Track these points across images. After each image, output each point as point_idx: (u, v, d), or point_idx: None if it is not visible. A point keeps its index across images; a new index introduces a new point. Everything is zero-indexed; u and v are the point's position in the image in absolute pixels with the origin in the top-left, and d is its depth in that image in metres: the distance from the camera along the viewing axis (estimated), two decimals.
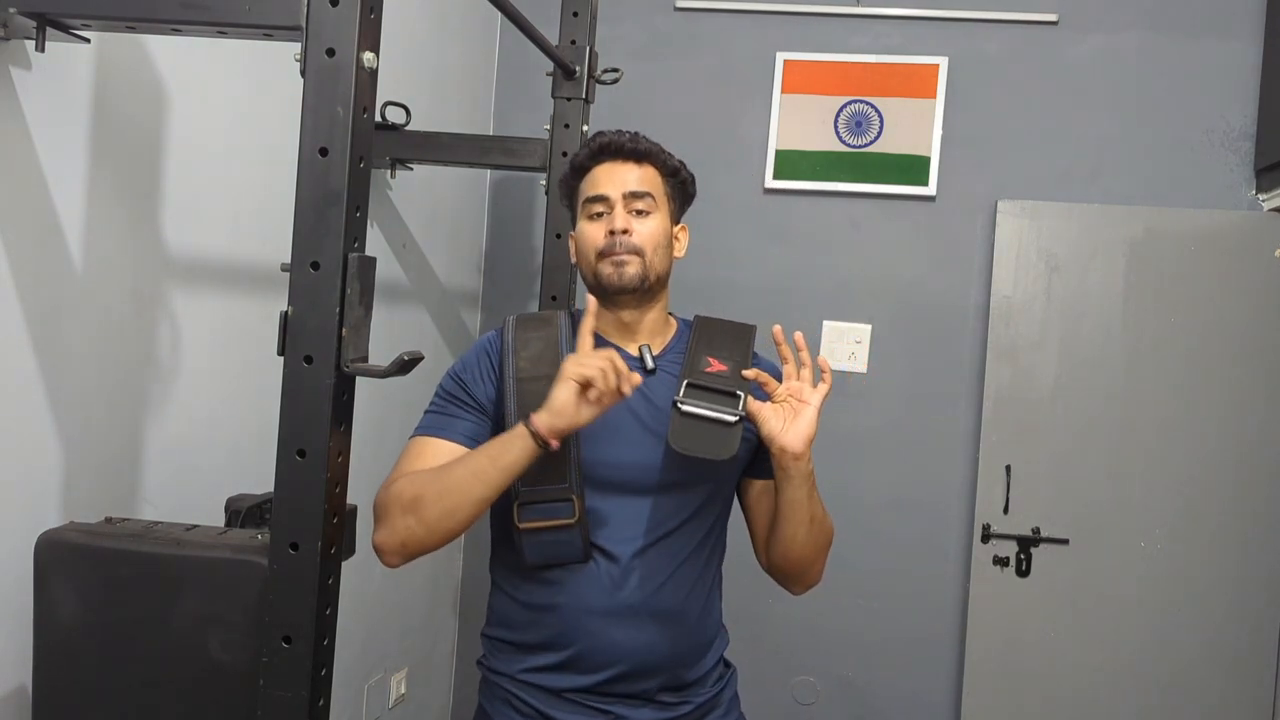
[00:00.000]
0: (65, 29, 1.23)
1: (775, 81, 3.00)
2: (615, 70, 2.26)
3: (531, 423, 1.27)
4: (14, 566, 1.31)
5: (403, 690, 2.70)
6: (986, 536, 2.84)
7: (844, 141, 2.96)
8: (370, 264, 1.07)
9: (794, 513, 1.40)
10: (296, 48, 1.06)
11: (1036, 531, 2.82)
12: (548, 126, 2.21)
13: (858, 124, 2.95)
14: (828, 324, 2.98)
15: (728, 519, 1.52)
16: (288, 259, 1.05)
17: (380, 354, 1.11)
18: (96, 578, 1.21)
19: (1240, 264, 2.76)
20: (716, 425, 1.34)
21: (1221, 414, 2.77)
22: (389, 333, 2.42)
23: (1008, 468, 2.84)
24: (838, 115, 2.96)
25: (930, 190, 2.93)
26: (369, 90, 1.06)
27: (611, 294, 1.42)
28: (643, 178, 1.44)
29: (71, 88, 1.39)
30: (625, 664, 1.38)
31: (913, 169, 2.93)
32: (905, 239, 2.96)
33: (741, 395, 1.37)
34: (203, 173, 1.69)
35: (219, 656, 1.18)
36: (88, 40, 1.30)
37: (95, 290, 1.46)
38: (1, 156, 1.28)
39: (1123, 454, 2.80)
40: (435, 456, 1.36)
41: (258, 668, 1.08)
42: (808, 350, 1.40)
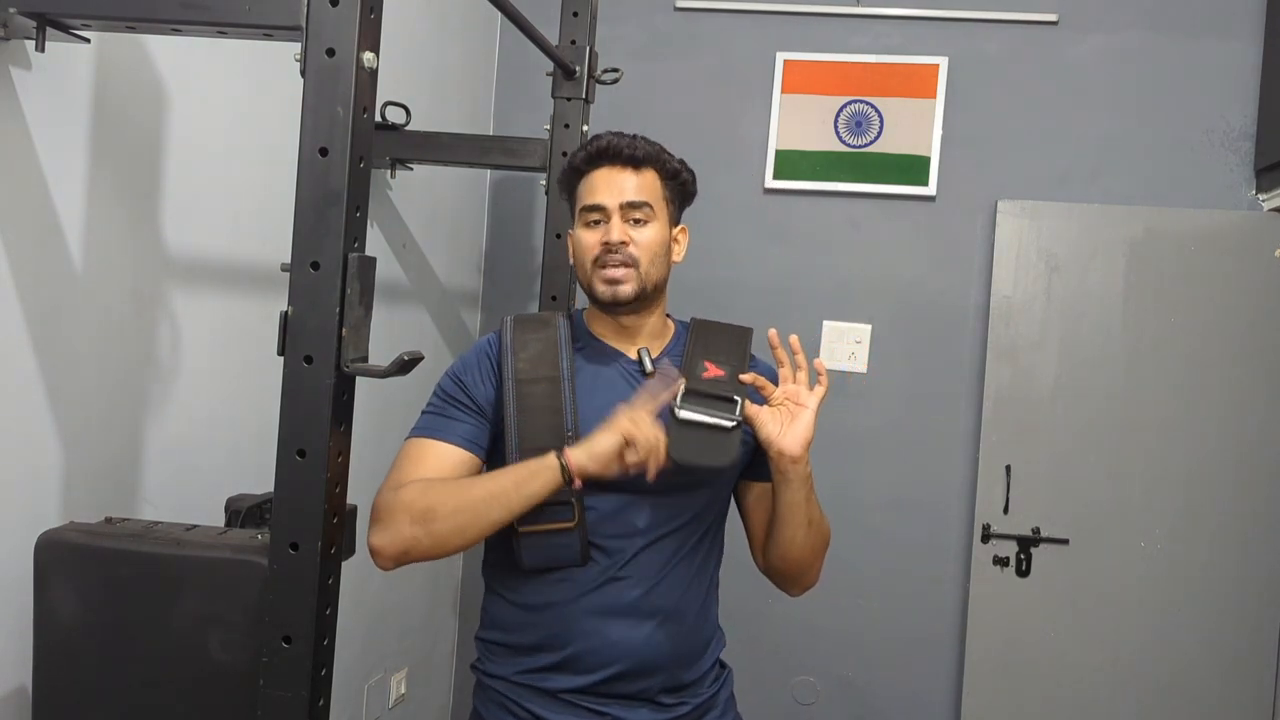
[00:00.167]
0: (65, 29, 1.23)
1: (775, 81, 3.00)
2: (615, 70, 2.26)
3: (565, 457, 1.27)
4: (14, 566, 1.31)
5: (403, 690, 2.70)
6: (986, 536, 2.84)
7: (844, 141, 2.96)
8: (370, 264, 1.07)
9: (792, 515, 1.40)
10: (296, 48, 1.06)
11: (1036, 531, 2.82)
12: (548, 126, 2.22)
13: (858, 124, 2.95)
14: (828, 324, 2.98)
15: (725, 520, 1.52)
16: (288, 259, 1.05)
17: (380, 354, 1.10)
18: (96, 578, 1.21)
19: (1240, 264, 2.76)
20: (714, 432, 1.34)
21: (1221, 414, 2.77)
22: (389, 333, 2.42)
23: (1008, 468, 2.84)
24: (838, 115, 2.96)
25: (930, 190, 2.93)
26: (369, 90, 1.06)
27: (606, 306, 1.43)
28: (641, 185, 1.42)
29: (71, 88, 1.38)
30: (623, 663, 1.37)
31: (913, 169, 2.93)
32: (905, 239, 2.96)
33: (739, 401, 1.36)
34: (203, 173, 1.69)
35: (219, 656, 1.17)
36: (88, 40, 1.30)
37: (95, 290, 1.46)
38: (1, 156, 1.28)
39: (1123, 454, 2.80)
40: (435, 459, 1.36)
41: (258, 668, 1.08)
42: (804, 353, 1.40)
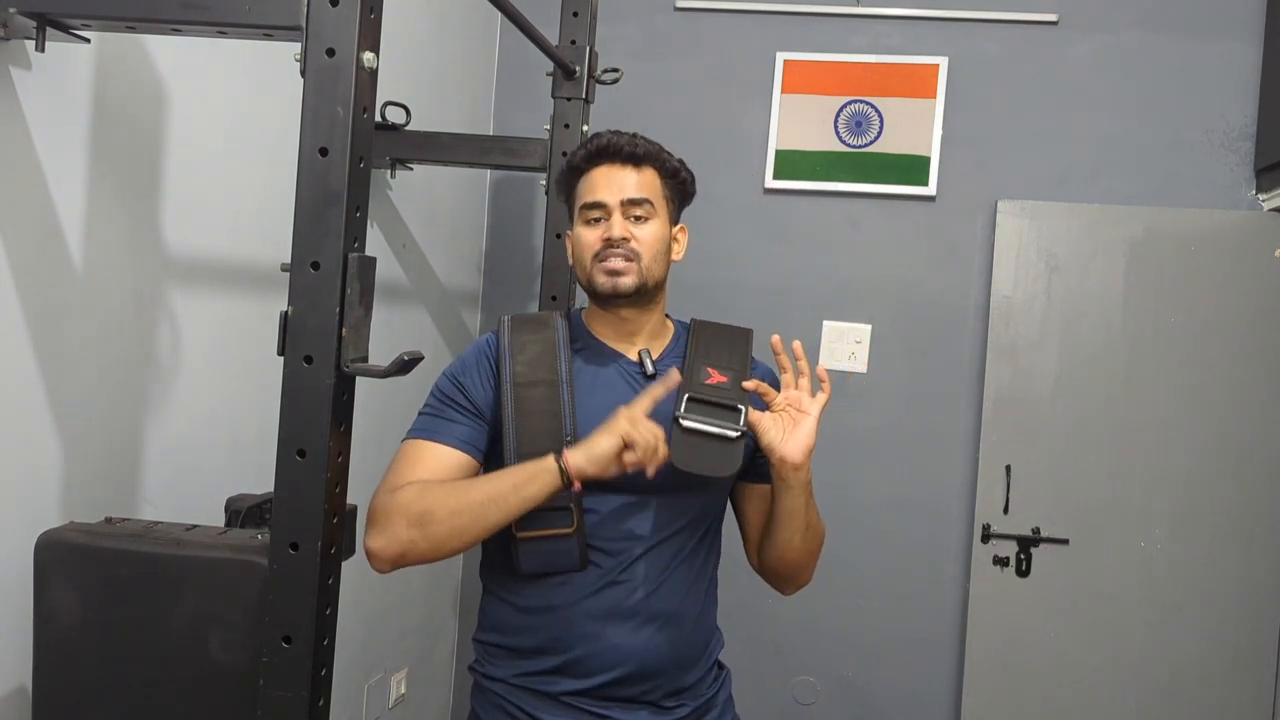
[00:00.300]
0: (65, 29, 1.23)
1: (775, 81, 3.00)
2: (615, 70, 2.26)
3: (564, 459, 1.26)
4: (14, 566, 1.31)
5: (403, 690, 2.70)
6: (986, 536, 2.84)
7: (844, 141, 2.96)
8: (370, 264, 1.07)
9: (791, 520, 1.40)
10: (296, 48, 1.06)
11: (1036, 531, 2.82)
12: (548, 126, 2.22)
13: (858, 124, 2.95)
14: (828, 324, 2.98)
15: (723, 520, 1.52)
16: (288, 259, 1.05)
17: (380, 354, 1.10)
18: (96, 578, 1.21)
19: (1240, 264, 2.76)
20: (718, 441, 1.33)
21: (1221, 414, 2.77)
22: (389, 333, 2.42)
23: (1008, 468, 2.84)
24: (838, 115, 2.96)
25: (930, 190, 2.93)
26: (369, 90, 1.06)
27: (606, 299, 1.42)
28: (641, 183, 1.42)
29: (71, 88, 1.38)
30: (624, 667, 1.37)
31: (913, 169, 2.93)
32: (905, 239, 2.96)
33: (743, 410, 1.36)
34: (203, 173, 1.69)
35: (219, 656, 1.17)
36: (88, 40, 1.30)
37: (95, 290, 1.46)
38: (1, 156, 1.28)
39: (1123, 454, 2.80)
40: (433, 461, 1.35)
41: (258, 668, 1.08)
42: (806, 359, 1.40)
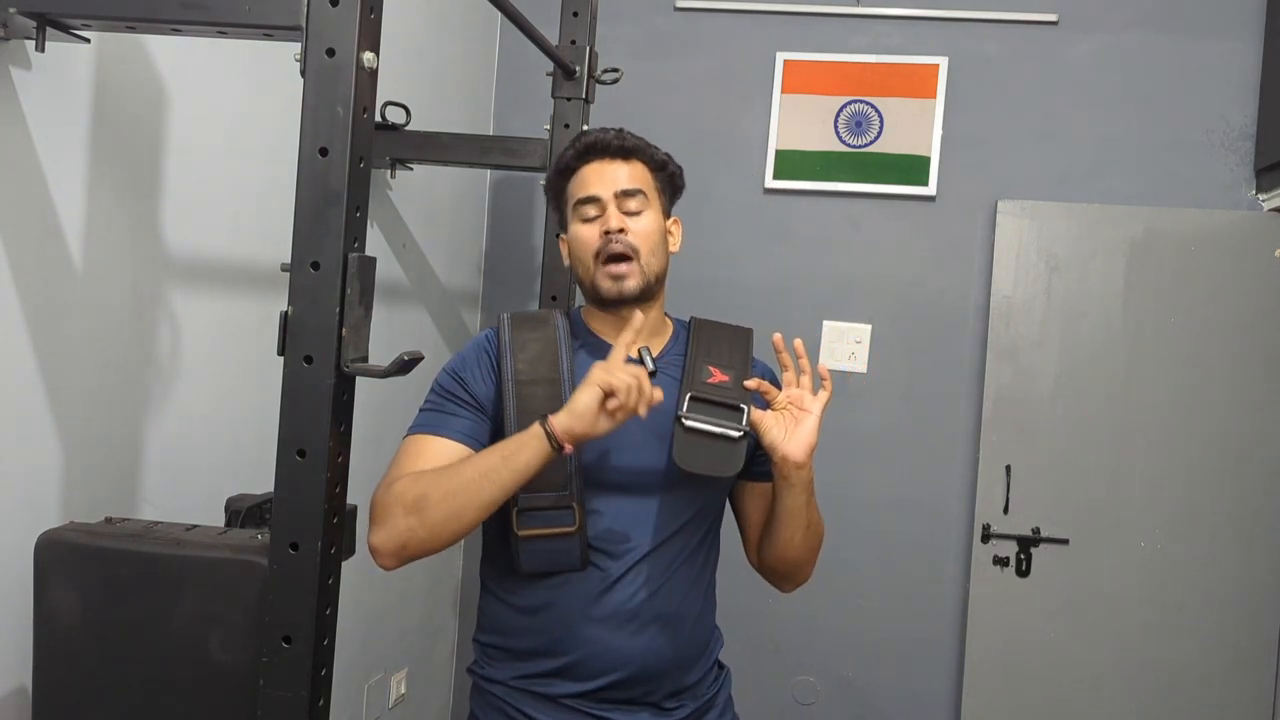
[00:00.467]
0: (65, 29, 1.23)
1: (775, 81, 3.00)
2: (615, 70, 2.26)
3: (549, 423, 1.23)
4: (14, 566, 1.31)
5: (403, 690, 2.70)
6: (986, 536, 2.84)
7: (844, 141, 2.96)
8: (370, 264, 1.07)
9: (793, 519, 1.40)
10: (296, 48, 1.06)
11: (1036, 531, 2.82)
12: (548, 126, 2.22)
13: (858, 124, 2.95)
14: (828, 324, 2.98)
15: (722, 520, 1.52)
16: (288, 259, 1.05)
17: (380, 354, 1.10)
18: (96, 578, 1.21)
19: (1240, 264, 2.76)
20: (721, 441, 1.33)
21: (1221, 414, 2.77)
22: (389, 333, 2.42)
23: (1008, 468, 2.84)
24: (838, 115, 2.96)
25: (930, 190, 2.93)
26: (369, 90, 1.06)
27: (610, 304, 1.41)
28: (632, 175, 1.42)
29: (71, 88, 1.39)
30: (625, 670, 1.36)
31: (913, 169, 2.93)
32: (905, 239, 2.96)
33: (745, 409, 1.35)
34: (203, 173, 1.69)
35: (219, 656, 1.17)
36: (88, 40, 1.30)
37: (95, 290, 1.46)
38: (1, 156, 1.28)
39: (1123, 454, 2.80)
40: (434, 455, 1.33)
41: (258, 668, 1.08)
42: (807, 357, 1.40)
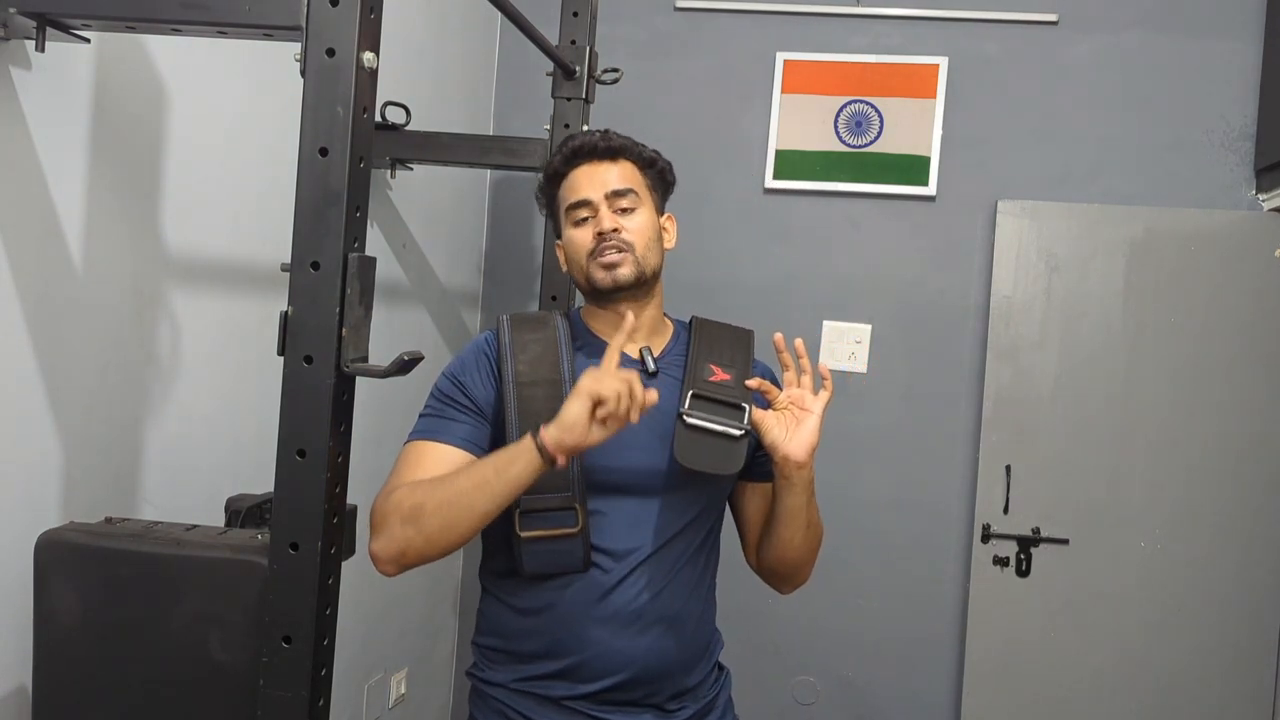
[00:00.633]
0: (65, 29, 1.23)
1: (775, 81, 3.00)
2: (615, 70, 2.26)
3: (540, 437, 1.22)
4: (14, 566, 1.31)
5: (403, 690, 2.70)
6: (986, 536, 2.84)
7: (844, 141, 2.96)
8: (370, 264, 1.07)
9: (793, 519, 1.39)
10: (296, 48, 1.06)
11: (1036, 531, 2.82)
12: (548, 126, 2.22)
13: (858, 124, 2.95)
14: (828, 324, 2.98)
15: (723, 521, 1.51)
16: (288, 259, 1.05)
17: (380, 354, 1.10)
18: (96, 578, 1.21)
19: (1240, 264, 2.76)
20: (722, 439, 1.33)
21: (1221, 414, 2.76)
22: (389, 333, 2.42)
23: (1008, 468, 2.84)
24: (838, 115, 2.96)
25: (930, 190, 2.93)
26: (369, 90, 1.06)
27: (607, 295, 1.41)
28: (622, 174, 1.42)
29: (71, 88, 1.39)
30: (628, 672, 1.35)
31: (913, 169, 2.93)
32: (905, 239, 2.96)
33: (746, 408, 1.36)
34: (203, 173, 1.69)
35: (219, 656, 1.17)
36: (88, 40, 1.30)
37: (95, 290, 1.46)
38: (1, 156, 1.28)
39: (1123, 454, 2.80)
40: (435, 461, 1.32)
41: (258, 668, 1.08)
42: (808, 357, 1.40)
